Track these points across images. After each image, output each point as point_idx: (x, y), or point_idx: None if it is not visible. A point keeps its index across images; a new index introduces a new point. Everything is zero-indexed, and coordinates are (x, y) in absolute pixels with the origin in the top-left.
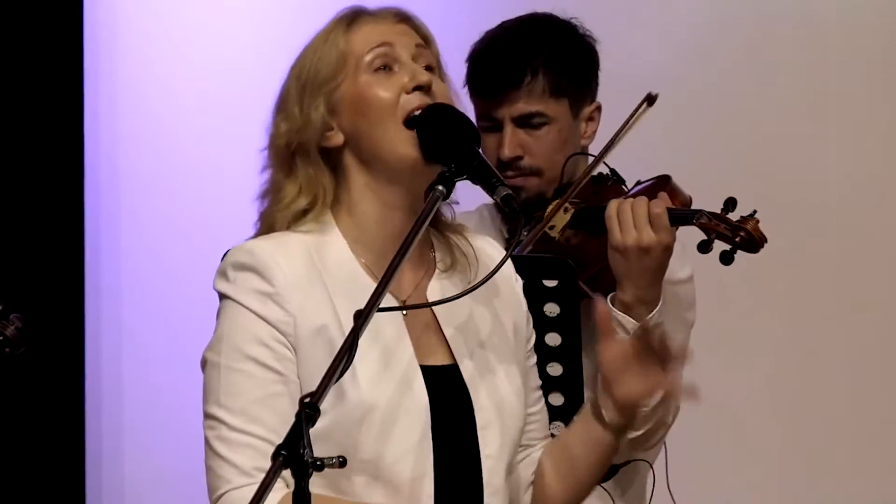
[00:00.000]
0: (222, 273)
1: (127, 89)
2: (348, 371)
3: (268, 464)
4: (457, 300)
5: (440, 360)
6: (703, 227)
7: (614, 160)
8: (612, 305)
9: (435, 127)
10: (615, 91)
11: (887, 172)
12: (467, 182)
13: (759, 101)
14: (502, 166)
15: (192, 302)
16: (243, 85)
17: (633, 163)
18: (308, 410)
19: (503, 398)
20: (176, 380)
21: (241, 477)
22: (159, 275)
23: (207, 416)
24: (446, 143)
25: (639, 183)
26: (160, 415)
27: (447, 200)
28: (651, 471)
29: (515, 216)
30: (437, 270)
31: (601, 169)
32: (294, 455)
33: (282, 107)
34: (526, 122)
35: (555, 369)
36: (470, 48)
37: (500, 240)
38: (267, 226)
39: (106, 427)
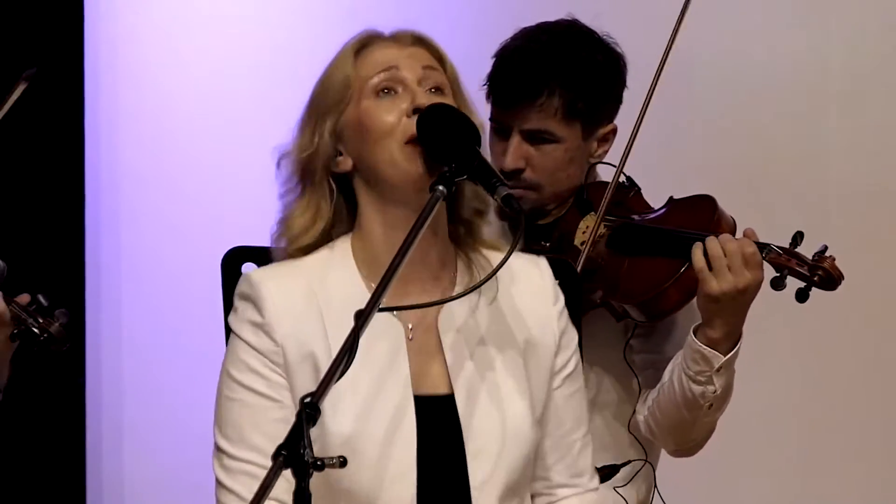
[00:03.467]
0: (234, 304)
1: (127, 89)
2: (331, 401)
3: None
4: (464, 321)
5: (438, 388)
6: (772, 263)
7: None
8: (697, 339)
9: (435, 127)
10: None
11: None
12: None
13: (759, 101)
14: (503, 175)
15: (192, 302)
16: (243, 85)
17: (631, 171)
18: (308, 410)
19: (504, 423)
20: (176, 380)
21: None
22: (159, 275)
23: (214, 446)
24: (447, 142)
25: (672, 200)
26: (160, 415)
27: (484, 224)
28: (653, 471)
29: (516, 216)
30: (454, 292)
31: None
32: (294, 455)
33: (299, 129)
34: (534, 137)
35: None
36: (500, 44)
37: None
38: (275, 250)
39: (106, 427)
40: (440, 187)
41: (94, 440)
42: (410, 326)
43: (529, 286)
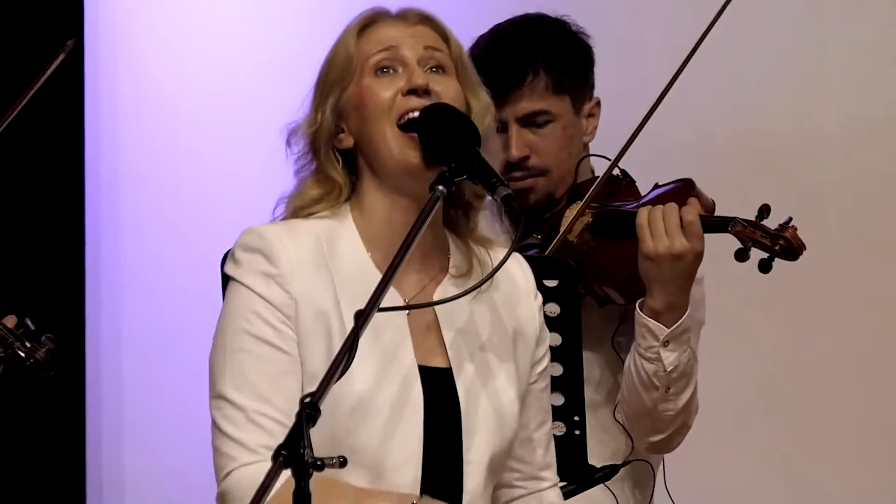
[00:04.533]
0: (231, 255)
1: (127, 89)
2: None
3: (274, 442)
4: (460, 303)
5: (438, 362)
6: (738, 235)
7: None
8: (641, 311)
9: (435, 127)
10: (618, 98)
11: (888, 170)
12: None
13: (759, 100)
14: (510, 167)
15: (192, 302)
16: (243, 85)
17: (629, 164)
18: (308, 410)
19: (497, 405)
20: (176, 379)
21: (248, 454)
22: (159, 275)
23: (214, 396)
24: (446, 142)
25: (657, 186)
26: (160, 415)
27: (481, 208)
28: (652, 471)
29: (516, 216)
30: (448, 275)
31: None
32: (294, 455)
33: (306, 106)
34: (530, 120)
35: (555, 369)
36: (469, 49)
37: (508, 240)
38: (281, 212)
39: (106, 428)
40: (440, 187)
41: (94, 440)
42: (408, 301)
43: (513, 281)
